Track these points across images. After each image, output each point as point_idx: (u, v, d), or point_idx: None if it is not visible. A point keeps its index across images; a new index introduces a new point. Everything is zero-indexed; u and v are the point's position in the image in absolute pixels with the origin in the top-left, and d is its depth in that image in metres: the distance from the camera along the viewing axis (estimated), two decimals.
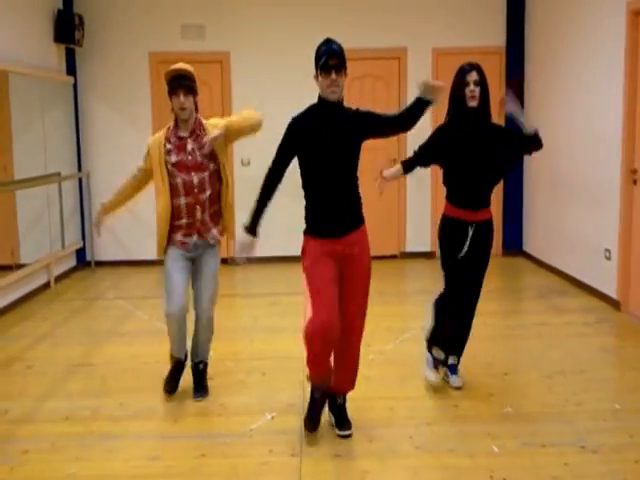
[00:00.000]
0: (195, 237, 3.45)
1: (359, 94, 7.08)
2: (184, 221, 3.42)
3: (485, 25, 7.03)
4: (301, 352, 4.26)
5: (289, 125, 3.01)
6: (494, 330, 4.70)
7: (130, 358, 4.22)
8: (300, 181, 3.03)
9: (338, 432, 3.12)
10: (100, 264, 7.03)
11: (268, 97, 6.88)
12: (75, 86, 6.86)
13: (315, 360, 3.01)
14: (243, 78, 6.99)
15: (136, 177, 3.56)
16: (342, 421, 3.15)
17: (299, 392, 3.63)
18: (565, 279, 6.00)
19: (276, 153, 3.03)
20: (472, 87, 3.36)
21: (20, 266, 5.55)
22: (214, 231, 3.50)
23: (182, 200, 3.40)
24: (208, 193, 3.43)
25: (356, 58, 7.02)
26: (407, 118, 2.99)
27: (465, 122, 3.40)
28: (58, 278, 6.35)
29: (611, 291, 5.17)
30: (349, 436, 3.09)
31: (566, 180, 6.03)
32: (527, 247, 7.13)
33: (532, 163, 6.91)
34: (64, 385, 3.82)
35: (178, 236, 3.44)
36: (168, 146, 3.40)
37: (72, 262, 6.86)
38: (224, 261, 7.03)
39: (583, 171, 5.67)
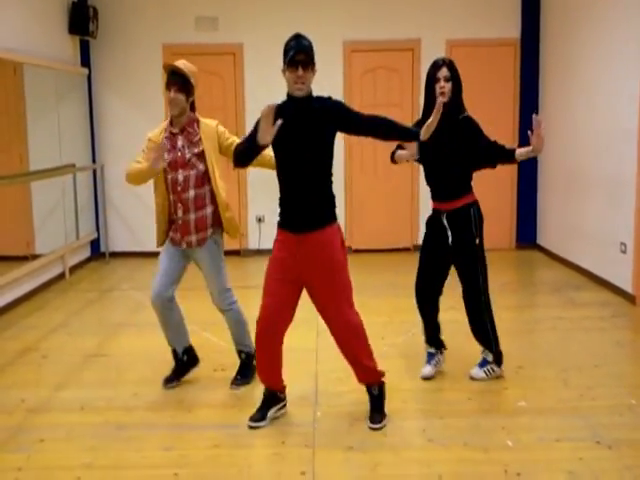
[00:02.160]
0: (178, 235, 3.46)
1: (372, 86, 7.05)
2: (174, 217, 3.46)
3: (499, 16, 6.95)
4: (314, 344, 4.27)
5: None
6: (509, 324, 4.67)
7: (144, 349, 4.24)
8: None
9: (368, 423, 3.13)
10: (114, 255, 7.07)
11: (280, 89, 6.83)
12: (89, 78, 6.88)
13: (261, 358, 3.12)
14: (256, 70, 6.98)
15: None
16: (371, 413, 3.17)
17: (312, 384, 3.63)
18: (580, 273, 5.95)
19: (250, 135, 2.97)
20: (442, 83, 3.37)
21: (35, 257, 5.60)
22: (193, 237, 3.43)
23: (170, 197, 3.44)
24: (192, 193, 3.39)
25: (369, 50, 7.01)
26: (389, 133, 2.98)
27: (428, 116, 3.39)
28: (73, 269, 6.40)
29: (627, 285, 5.12)
30: (377, 429, 3.09)
31: (581, 173, 5.97)
32: (541, 240, 7.07)
33: (547, 156, 6.85)
34: (79, 375, 3.85)
35: (170, 232, 3.51)
36: (164, 141, 3.41)
37: (86, 253, 6.91)
38: (237, 253, 7.09)
39: (599, 164, 5.61)
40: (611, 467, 2.73)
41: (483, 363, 3.68)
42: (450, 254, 3.53)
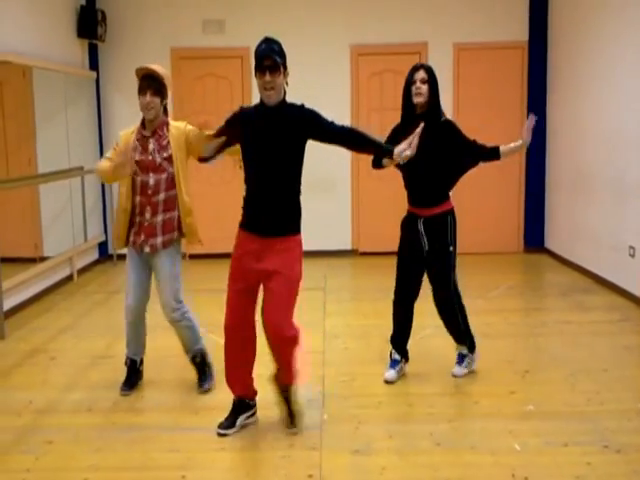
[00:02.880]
0: (142, 237, 3.43)
1: (379, 89, 7.05)
2: (137, 219, 3.44)
3: (507, 19, 6.94)
4: (321, 347, 4.27)
5: (235, 112, 3.02)
6: (516, 327, 4.66)
7: (150, 351, 4.22)
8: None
9: (287, 428, 3.11)
10: (122, 257, 7.07)
11: (287, 91, 6.87)
12: (97, 81, 6.92)
13: (229, 364, 3.11)
14: None
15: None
16: (289, 416, 3.14)
17: (318, 387, 3.63)
18: (588, 276, 5.93)
19: (218, 129, 3.02)
20: (418, 84, 3.40)
21: (43, 259, 5.62)
22: (159, 239, 3.42)
23: (137, 199, 3.41)
24: (162, 196, 3.40)
25: (376, 53, 7.01)
26: (363, 146, 2.98)
27: (413, 122, 3.36)
28: (80, 271, 6.43)
29: (635, 289, 5.09)
30: (295, 433, 3.07)
31: (590, 176, 5.94)
32: (549, 244, 7.05)
33: (554, 159, 6.83)
34: (87, 377, 3.86)
35: (131, 234, 3.48)
36: (135, 143, 3.42)
37: (94, 255, 6.94)
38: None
39: (607, 167, 5.58)
40: (619, 472, 2.71)
41: (461, 359, 3.72)
42: (424, 259, 3.56)
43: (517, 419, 3.20)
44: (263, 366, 3.79)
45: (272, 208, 2.95)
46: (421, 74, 3.40)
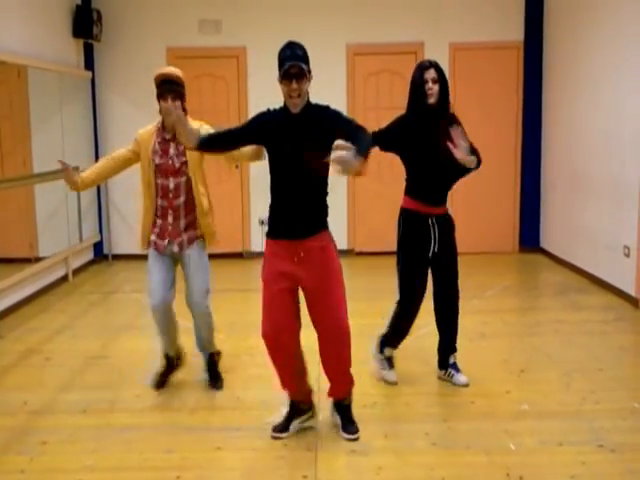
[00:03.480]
0: (166, 241, 3.45)
1: (375, 89, 7.06)
2: (159, 222, 3.45)
3: (503, 19, 6.95)
4: (315, 346, 4.26)
5: (259, 115, 2.94)
6: (511, 327, 4.67)
7: (147, 351, 4.23)
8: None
9: (344, 435, 3.06)
10: (117, 257, 7.08)
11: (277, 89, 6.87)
12: (93, 81, 6.90)
13: (278, 372, 3.04)
14: (259, 73, 6.99)
15: (116, 160, 3.52)
16: (347, 424, 3.09)
17: (315, 387, 3.62)
18: (583, 276, 5.94)
19: (238, 128, 2.97)
20: (430, 85, 3.37)
21: (38, 259, 5.61)
22: (184, 237, 3.45)
23: (159, 202, 3.43)
24: (183, 199, 3.42)
25: (372, 53, 7.01)
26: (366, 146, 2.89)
27: (424, 118, 3.40)
28: (76, 271, 6.41)
29: (630, 289, 5.11)
30: (355, 439, 3.03)
31: (585, 176, 5.96)
32: (545, 244, 7.06)
33: (550, 159, 6.84)
34: (82, 377, 3.85)
35: (152, 236, 3.48)
36: (156, 146, 3.42)
37: (90, 255, 6.92)
38: (239, 255, 7.10)
39: (602, 167, 5.60)
40: (614, 471, 2.72)
41: (456, 367, 3.66)
42: (430, 258, 3.50)
43: (512, 419, 3.21)
44: (258, 366, 3.78)
45: (306, 212, 2.91)
46: (432, 73, 3.36)
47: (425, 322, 3.77)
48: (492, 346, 4.25)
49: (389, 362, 3.70)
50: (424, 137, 3.40)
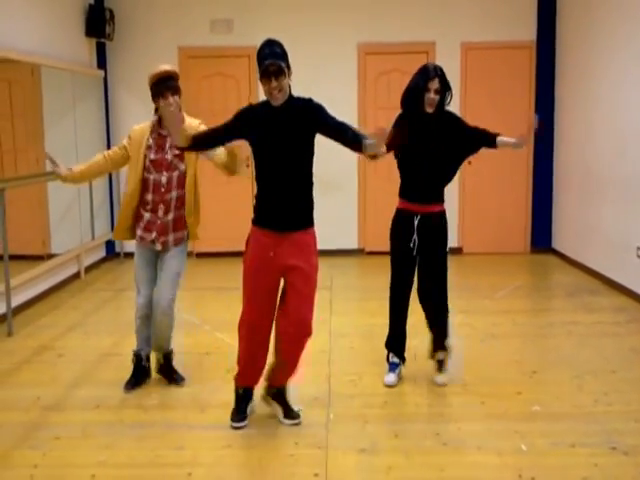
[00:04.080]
0: (153, 235, 3.47)
1: (386, 89, 7.04)
2: (147, 216, 3.46)
3: (515, 19, 6.92)
4: (327, 346, 4.27)
5: (243, 110, 3.01)
6: (523, 328, 4.65)
7: None
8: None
9: (287, 422, 3.17)
10: (129, 255, 7.10)
11: (295, 90, 6.87)
12: (105, 80, 6.94)
13: (245, 361, 3.13)
14: None
15: (109, 158, 3.60)
16: (289, 409, 3.20)
17: (325, 385, 3.63)
18: (596, 277, 5.91)
19: (222, 124, 3.00)
20: (432, 95, 3.38)
21: (51, 256, 5.65)
22: (170, 237, 3.48)
23: (149, 196, 3.44)
24: (174, 194, 3.45)
25: (383, 52, 7.00)
26: (352, 142, 2.93)
27: (419, 118, 3.41)
28: (88, 269, 6.45)
29: None
30: (299, 423, 3.15)
31: (598, 177, 5.92)
32: (556, 244, 7.02)
33: (562, 159, 6.80)
34: (94, 374, 3.88)
35: (139, 231, 3.50)
36: (150, 141, 3.43)
37: (102, 253, 6.96)
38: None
39: (615, 168, 5.56)
40: (626, 473, 2.71)
41: (441, 365, 3.67)
42: (416, 258, 3.53)
43: (524, 420, 3.20)
44: (268, 365, 3.78)
45: (288, 203, 2.98)
46: (436, 84, 3.36)
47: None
48: (503, 347, 4.23)
49: (392, 366, 3.68)
50: (415, 138, 3.40)
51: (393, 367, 3.67)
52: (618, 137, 5.51)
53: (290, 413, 3.19)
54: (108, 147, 7.02)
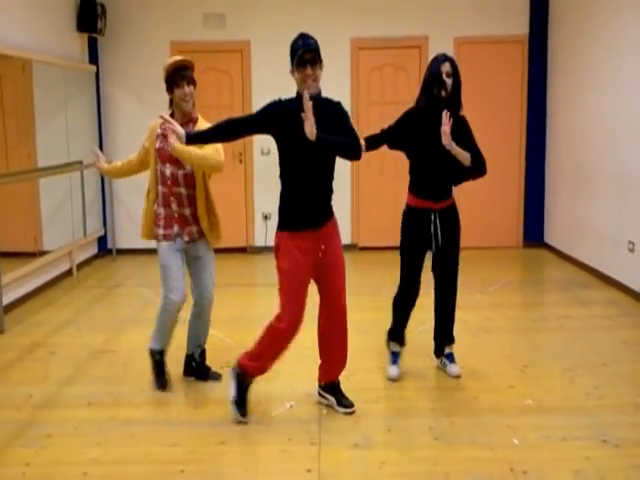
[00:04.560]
0: (176, 228, 3.40)
1: (379, 84, 7.04)
2: (162, 211, 3.41)
3: (508, 13, 6.91)
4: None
5: (270, 105, 3.02)
6: (515, 322, 4.66)
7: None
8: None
9: (344, 410, 3.22)
10: (121, 252, 7.09)
11: (288, 86, 6.83)
12: (97, 75, 6.90)
13: (273, 356, 3.13)
14: (263, 67, 6.98)
15: (138, 156, 3.55)
16: (343, 399, 3.27)
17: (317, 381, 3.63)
18: (587, 271, 5.93)
19: (245, 117, 3.07)
20: (444, 77, 3.37)
21: (43, 253, 5.62)
22: (194, 228, 3.43)
23: (159, 188, 3.40)
24: (184, 191, 3.37)
25: (376, 47, 6.99)
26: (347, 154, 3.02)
27: (434, 112, 3.38)
28: (80, 265, 6.43)
29: (634, 284, 5.09)
30: (353, 412, 3.22)
31: (590, 171, 5.94)
32: (549, 239, 7.04)
33: (554, 154, 6.81)
34: (87, 371, 3.87)
35: (160, 229, 3.42)
36: (159, 131, 3.41)
37: (94, 250, 6.94)
38: (243, 250, 7.12)
39: (607, 162, 5.58)
40: (617, 466, 2.72)
41: (452, 357, 3.70)
42: (432, 252, 3.54)
43: (516, 414, 3.21)
44: None
45: (323, 198, 3.07)
46: (447, 67, 3.36)
47: (428, 317, 3.77)
48: (496, 341, 4.25)
49: (393, 357, 3.70)
50: (430, 133, 3.39)
51: (395, 358, 3.68)
52: (610, 132, 5.53)
53: (344, 402, 3.25)
54: (100, 143, 7.00)
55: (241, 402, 3.16)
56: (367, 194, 7.15)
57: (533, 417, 3.17)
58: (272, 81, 6.85)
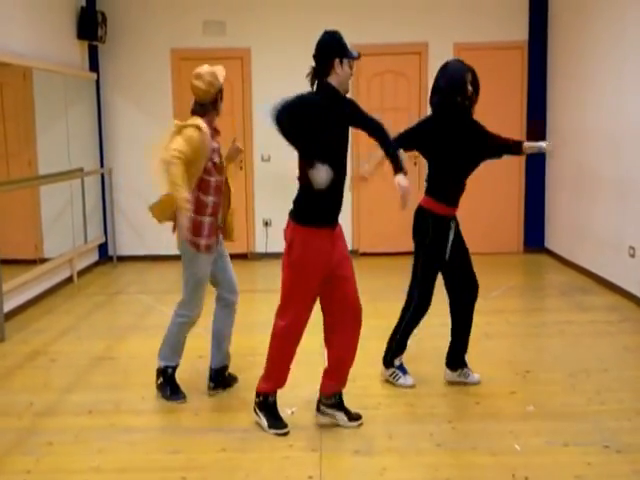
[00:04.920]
0: (215, 238, 3.45)
1: (380, 90, 7.05)
2: (208, 220, 3.38)
3: (507, 20, 6.94)
4: (319, 347, 4.26)
5: (298, 102, 2.96)
6: (516, 328, 4.66)
7: (152, 352, 4.22)
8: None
9: (354, 424, 3.15)
10: (122, 259, 7.10)
11: (288, 92, 6.86)
12: (98, 82, 6.92)
13: (283, 363, 3.10)
14: (263, 74, 7.00)
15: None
16: (350, 412, 3.19)
17: (318, 387, 3.62)
18: (588, 277, 5.93)
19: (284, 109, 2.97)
20: (469, 87, 3.43)
21: (43, 260, 5.63)
22: (219, 231, 3.54)
23: (211, 199, 3.37)
24: (221, 198, 3.48)
25: (377, 53, 7.01)
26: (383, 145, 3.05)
27: (454, 119, 3.42)
28: (81, 273, 6.43)
29: (635, 289, 5.09)
30: (362, 424, 3.17)
31: (590, 176, 5.94)
32: (549, 244, 7.04)
33: (555, 159, 6.82)
34: (87, 378, 3.86)
35: (202, 240, 3.35)
36: (214, 145, 3.38)
37: (94, 257, 6.94)
38: (244, 256, 7.12)
39: (608, 167, 5.58)
40: (619, 472, 2.72)
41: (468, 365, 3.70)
42: (447, 260, 3.54)
43: (518, 419, 3.20)
44: (263, 367, 3.79)
45: (341, 195, 3.03)
46: (470, 77, 3.45)
47: (428, 323, 3.76)
48: (497, 347, 4.24)
49: (401, 369, 3.67)
50: (456, 140, 3.41)
51: (404, 368, 3.67)
52: (610, 137, 5.54)
53: (353, 415, 3.17)
54: (100, 150, 7.01)
55: (277, 421, 3.11)
56: (368, 200, 7.15)
57: (535, 423, 3.16)
58: (272, 88, 6.86)
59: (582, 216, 6.12)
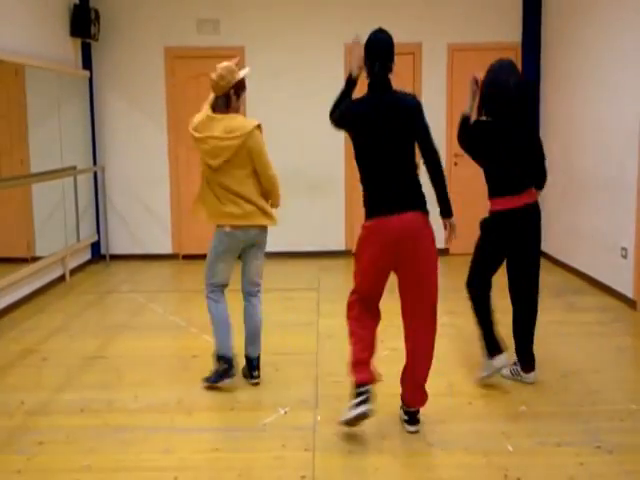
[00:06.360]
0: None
1: None
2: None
3: (501, 20, 6.97)
4: (314, 347, 4.26)
5: (344, 107, 3.26)
6: (509, 328, 4.65)
7: (144, 351, 4.24)
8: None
9: (413, 428, 3.11)
10: (115, 258, 7.07)
11: (282, 91, 6.88)
12: (91, 80, 6.89)
13: (362, 342, 3.05)
14: (258, 73, 6.97)
15: None
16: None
17: (312, 388, 3.63)
18: (580, 278, 5.95)
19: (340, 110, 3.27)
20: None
21: (35, 259, 5.60)
22: None
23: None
24: None
25: None
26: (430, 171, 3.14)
27: (504, 119, 3.58)
28: (73, 271, 6.40)
29: (627, 290, 5.11)
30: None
31: (582, 177, 5.97)
32: (542, 245, 7.04)
33: (547, 161, 6.83)
34: (79, 377, 3.84)
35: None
36: None
37: (87, 255, 6.91)
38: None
39: (600, 168, 5.61)
40: (611, 472, 2.73)
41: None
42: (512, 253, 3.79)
43: (510, 420, 3.21)
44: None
45: (398, 186, 3.22)
46: (514, 76, 3.52)
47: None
48: None
49: (516, 364, 3.71)
50: (509, 139, 3.62)
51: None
52: (602, 138, 5.56)
53: (414, 418, 3.13)
54: (93, 148, 6.98)
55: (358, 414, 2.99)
56: (361, 200, 7.13)
57: (527, 423, 3.17)
58: (267, 87, 6.87)
59: (574, 217, 6.14)
